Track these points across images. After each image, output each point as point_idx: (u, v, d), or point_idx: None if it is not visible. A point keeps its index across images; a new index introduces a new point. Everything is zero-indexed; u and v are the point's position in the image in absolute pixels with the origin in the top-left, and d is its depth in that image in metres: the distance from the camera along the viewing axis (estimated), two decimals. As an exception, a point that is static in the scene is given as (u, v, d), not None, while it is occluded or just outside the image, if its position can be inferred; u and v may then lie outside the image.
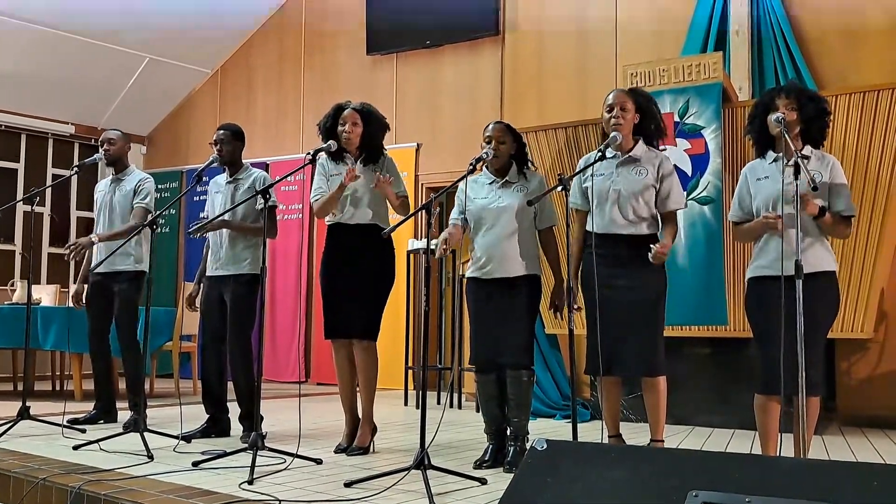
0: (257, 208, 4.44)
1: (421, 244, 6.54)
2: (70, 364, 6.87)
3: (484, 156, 3.75)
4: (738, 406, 4.82)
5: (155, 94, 9.35)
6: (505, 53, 7.47)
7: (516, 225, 3.76)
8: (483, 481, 3.33)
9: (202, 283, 4.70)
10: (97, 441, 4.06)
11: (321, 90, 8.49)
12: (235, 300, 4.47)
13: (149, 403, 5.32)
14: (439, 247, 3.67)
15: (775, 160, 3.39)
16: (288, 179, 7.96)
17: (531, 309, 3.81)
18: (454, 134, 7.58)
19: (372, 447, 4.11)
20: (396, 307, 6.49)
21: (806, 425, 3.10)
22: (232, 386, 4.54)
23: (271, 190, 3.94)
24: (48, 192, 8.81)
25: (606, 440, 3.66)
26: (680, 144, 5.13)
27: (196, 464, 3.61)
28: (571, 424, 3.26)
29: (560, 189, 3.33)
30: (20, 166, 8.89)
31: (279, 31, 8.98)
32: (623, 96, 3.68)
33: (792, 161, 3.09)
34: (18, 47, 8.02)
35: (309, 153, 3.97)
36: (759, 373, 3.37)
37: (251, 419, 4.34)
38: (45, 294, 7.13)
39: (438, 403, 6.23)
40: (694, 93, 5.12)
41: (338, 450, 4.07)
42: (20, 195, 8.52)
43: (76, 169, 5.07)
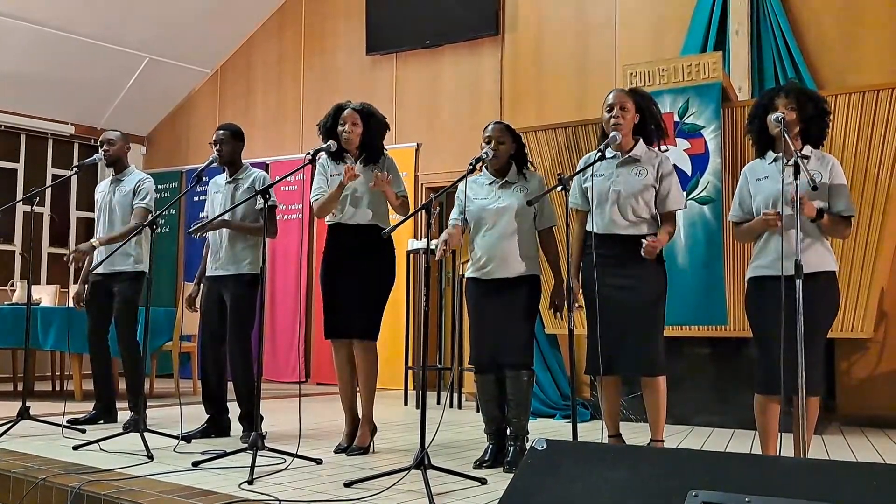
0: (257, 208, 4.44)
1: (421, 244, 6.54)
2: (70, 364, 6.88)
3: (483, 156, 3.74)
4: (738, 406, 4.83)
5: (155, 94, 9.35)
6: (505, 53, 7.47)
7: (516, 225, 3.76)
8: (483, 481, 3.33)
9: (202, 284, 4.70)
10: (97, 441, 4.06)
11: (321, 90, 8.48)
12: (235, 300, 4.47)
13: (149, 403, 5.33)
14: (439, 248, 3.66)
15: (775, 160, 3.39)
16: (288, 179, 7.97)
17: (531, 309, 3.81)
18: (454, 134, 7.58)
19: (372, 447, 4.11)
20: (396, 307, 6.49)
21: (806, 425, 3.10)
22: (232, 386, 4.54)
23: (271, 190, 3.94)
24: (48, 193, 8.82)
25: (606, 440, 3.66)
26: (679, 144, 5.13)
27: (196, 464, 3.61)
28: (571, 424, 3.26)
29: (560, 189, 3.33)
30: (20, 166, 8.89)
31: (279, 32, 8.98)
32: (623, 96, 3.68)
33: (792, 161, 3.09)
34: (18, 47, 8.02)
35: (309, 153, 3.97)
36: (759, 373, 3.37)
37: (251, 419, 4.34)
38: (45, 294, 7.13)
39: (438, 403, 6.23)
40: (694, 93, 5.12)
41: (338, 450, 4.07)
42: (20, 195, 8.53)
43: (76, 169, 5.08)
